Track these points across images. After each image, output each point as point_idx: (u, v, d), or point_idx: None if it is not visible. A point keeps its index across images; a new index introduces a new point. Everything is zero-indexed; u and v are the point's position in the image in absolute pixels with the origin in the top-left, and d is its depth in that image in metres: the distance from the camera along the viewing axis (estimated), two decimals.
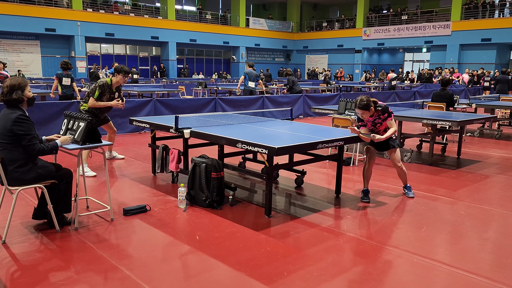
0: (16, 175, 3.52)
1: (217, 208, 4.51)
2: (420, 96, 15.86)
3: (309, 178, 5.82)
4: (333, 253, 3.50)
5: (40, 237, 3.71)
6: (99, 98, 5.75)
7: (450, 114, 7.31)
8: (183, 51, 30.22)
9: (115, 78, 5.88)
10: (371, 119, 4.74)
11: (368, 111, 4.59)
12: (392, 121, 4.74)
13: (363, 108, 4.56)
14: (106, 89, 5.80)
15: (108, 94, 5.84)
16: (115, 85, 5.91)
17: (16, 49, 22.70)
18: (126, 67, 5.95)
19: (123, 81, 5.92)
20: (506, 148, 8.44)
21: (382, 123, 4.75)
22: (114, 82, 5.88)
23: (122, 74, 5.86)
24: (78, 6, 23.28)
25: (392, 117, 4.75)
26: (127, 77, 5.95)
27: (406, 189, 5.11)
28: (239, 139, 4.17)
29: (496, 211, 4.63)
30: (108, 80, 5.85)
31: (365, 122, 4.78)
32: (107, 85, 5.82)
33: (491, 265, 3.34)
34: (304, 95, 13.03)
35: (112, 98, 5.92)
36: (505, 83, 14.97)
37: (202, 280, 3.03)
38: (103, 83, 5.79)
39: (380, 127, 4.77)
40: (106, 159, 6.56)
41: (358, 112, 4.63)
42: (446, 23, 25.60)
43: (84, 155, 4.21)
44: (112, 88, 5.89)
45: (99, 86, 5.74)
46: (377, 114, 4.71)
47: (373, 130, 4.80)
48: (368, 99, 4.56)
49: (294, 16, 34.64)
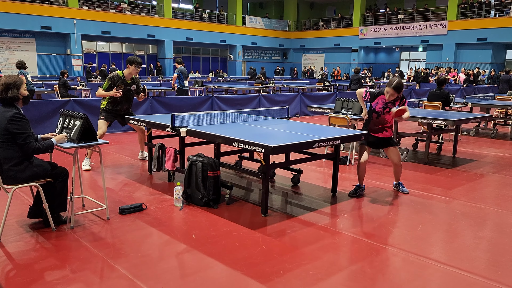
0: (11, 174, 3.50)
1: (214, 207, 4.51)
2: (416, 95, 15.90)
3: (306, 177, 5.82)
4: (329, 252, 3.50)
5: (35, 236, 3.70)
6: (109, 90, 5.85)
7: (445, 113, 7.33)
8: (179, 49, 30.15)
9: (128, 70, 5.96)
10: (385, 101, 4.81)
11: (398, 94, 4.72)
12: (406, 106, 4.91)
13: (397, 90, 4.69)
14: (117, 81, 5.88)
15: (121, 85, 5.92)
16: (128, 76, 5.99)
17: (11, 47, 22.58)
18: (139, 58, 6.01)
19: (135, 72, 5.97)
20: (501, 147, 8.48)
21: (390, 112, 4.81)
22: (126, 74, 5.97)
23: (135, 65, 5.93)
24: (74, 4, 23.17)
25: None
26: (139, 68, 5.99)
27: (400, 185, 5.16)
28: (236, 138, 4.17)
29: (491, 209, 4.66)
30: (120, 73, 5.93)
31: (377, 101, 4.86)
32: (118, 77, 5.90)
33: (486, 264, 3.36)
34: (301, 94, 13.03)
35: (128, 89, 6.00)
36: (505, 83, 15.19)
37: (198, 278, 3.03)
38: (113, 75, 5.90)
39: (388, 116, 4.83)
40: (139, 158, 6.60)
41: (389, 91, 4.71)
42: (442, 23, 25.67)
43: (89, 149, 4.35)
44: (126, 80, 5.96)
45: (109, 78, 5.88)
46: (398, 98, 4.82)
47: (379, 114, 4.84)
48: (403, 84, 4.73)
49: (291, 14, 34.64)
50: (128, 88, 6.00)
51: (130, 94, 6.11)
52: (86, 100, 9.10)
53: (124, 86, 5.95)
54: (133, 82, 6.07)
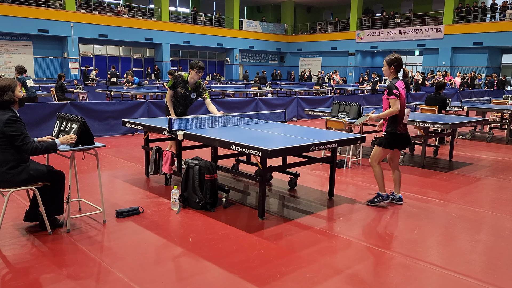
0: (7, 177, 3.49)
1: (210, 210, 4.51)
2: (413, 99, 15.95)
3: (303, 180, 5.83)
4: (326, 255, 3.51)
5: (31, 239, 3.69)
6: (173, 88, 5.79)
7: (442, 117, 7.36)
8: (177, 52, 30.16)
9: (190, 74, 5.80)
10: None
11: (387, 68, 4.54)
12: (395, 101, 4.48)
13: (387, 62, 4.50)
14: (179, 82, 5.79)
15: (181, 88, 5.81)
16: (191, 81, 5.83)
17: (8, 49, 22.52)
18: (201, 63, 5.80)
19: (197, 76, 5.78)
20: (497, 150, 8.52)
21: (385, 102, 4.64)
22: (189, 78, 5.82)
23: (196, 69, 5.73)
24: (71, 7, 23.16)
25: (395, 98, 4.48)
26: (201, 73, 5.79)
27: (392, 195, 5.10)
28: (233, 141, 4.17)
29: (487, 213, 4.67)
30: (185, 76, 5.80)
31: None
32: (181, 78, 5.79)
33: (482, 267, 3.37)
34: (298, 97, 13.06)
35: (187, 96, 5.88)
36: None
37: (195, 282, 3.03)
38: (178, 75, 5.81)
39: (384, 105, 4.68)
40: None
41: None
42: (439, 27, 25.81)
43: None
44: (188, 86, 5.82)
45: (173, 76, 5.80)
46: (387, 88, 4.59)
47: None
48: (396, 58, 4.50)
49: (288, 18, 34.74)
50: (187, 94, 5.86)
51: (189, 100, 5.96)
52: (83, 103, 9.09)
53: (185, 90, 5.82)
54: (195, 90, 5.89)
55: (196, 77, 5.79)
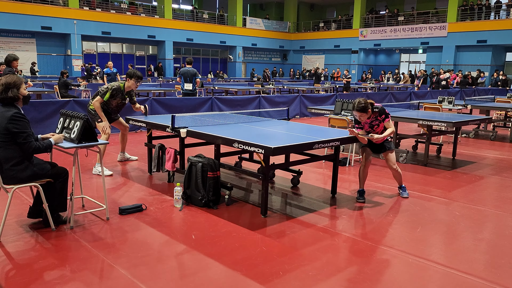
0: (11, 174, 3.51)
1: (213, 207, 4.51)
2: (416, 97, 15.91)
3: (305, 178, 5.83)
4: (329, 253, 3.51)
5: (35, 236, 3.70)
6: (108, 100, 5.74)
7: (446, 115, 7.34)
8: (179, 50, 30.16)
9: (127, 83, 5.84)
10: (368, 121, 4.76)
11: (366, 114, 4.60)
12: (390, 122, 4.78)
13: (361, 110, 4.57)
14: (118, 93, 5.80)
15: (119, 98, 5.86)
16: (127, 89, 5.90)
17: (11, 47, 22.58)
18: (139, 72, 5.90)
19: (135, 86, 5.87)
20: (501, 149, 8.49)
21: (379, 125, 4.77)
22: (126, 87, 5.87)
23: (135, 79, 5.81)
24: (75, 4, 23.19)
25: (389, 118, 4.79)
26: (139, 82, 5.90)
27: (401, 189, 5.13)
28: (236, 139, 4.18)
29: (490, 211, 4.66)
30: (122, 85, 5.83)
31: (362, 124, 4.80)
32: (120, 90, 5.82)
33: (485, 266, 3.36)
34: (301, 95, 13.04)
35: (123, 103, 5.96)
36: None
37: (197, 279, 3.03)
38: (117, 87, 5.77)
39: (378, 129, 4.79)
40: (118, 161, 6.56)
41: (356, 114, 4.64)
42: (442, 25, 25.70)
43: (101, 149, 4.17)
44: (124, 93, 5.89)
45: (112, 89, 5.73)
46: (374, 116, 4.73)
47: (370, 132, 4.81)
48: (366, 102, 4.57)
49: (291, 16, 34.67)
50: (124, 102, 5.97)
51: (122, 106, 6.06)
52: (86, 100, 9.09)
53: (121, 100, 5.89)
54: (128, 95, 5.99)
55: (134, 86, 5.87)
